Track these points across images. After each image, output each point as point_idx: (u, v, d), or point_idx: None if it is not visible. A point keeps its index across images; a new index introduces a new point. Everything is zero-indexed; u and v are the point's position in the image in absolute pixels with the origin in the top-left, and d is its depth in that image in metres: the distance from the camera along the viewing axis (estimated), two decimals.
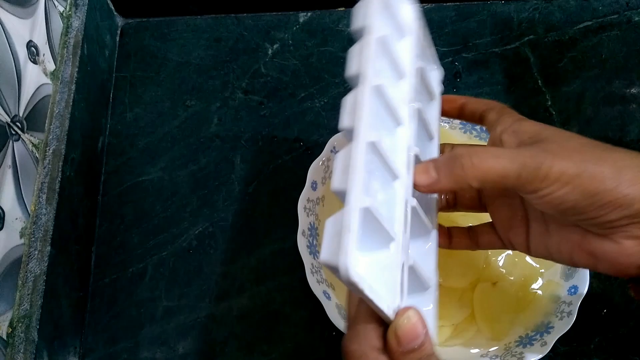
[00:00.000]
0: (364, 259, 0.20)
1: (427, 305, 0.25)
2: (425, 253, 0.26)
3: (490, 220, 0.28)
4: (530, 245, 0.26)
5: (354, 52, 0.24)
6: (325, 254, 0.19)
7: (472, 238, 0.29)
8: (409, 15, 0.28)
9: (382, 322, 0.21)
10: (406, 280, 0.22)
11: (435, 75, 0.31)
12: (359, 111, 0.21)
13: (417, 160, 0.25)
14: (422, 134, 0.28)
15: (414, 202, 0.24)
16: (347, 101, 0.23)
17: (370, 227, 0.20)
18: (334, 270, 0.19)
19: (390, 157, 0.22)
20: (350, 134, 0.21)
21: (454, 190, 0.27)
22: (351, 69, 0.24)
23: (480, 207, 0.29)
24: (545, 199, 0.22)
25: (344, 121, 0.22)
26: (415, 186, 0.24)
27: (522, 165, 0.22)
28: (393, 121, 0.24)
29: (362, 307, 0.22)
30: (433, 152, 0.29)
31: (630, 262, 0.22)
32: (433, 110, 0.29)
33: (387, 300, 0.20)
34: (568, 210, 0.22)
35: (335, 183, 0.20)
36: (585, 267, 0.25)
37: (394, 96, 0.24)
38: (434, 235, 0.27)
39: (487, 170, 0.22)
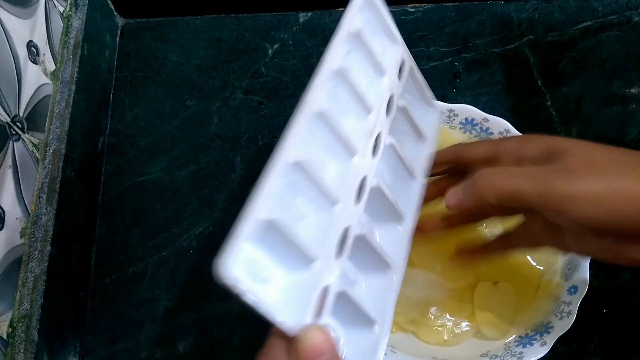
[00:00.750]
0: (266, 269, 0.20)
1: (367, 335, 0.24)
2: (384, 289, 0.26)
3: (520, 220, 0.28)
4: (568, 248, 0.26)
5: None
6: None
7: (505, 241, 0.29)
8: (394, 56, 0.28)
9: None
10: (330, 303, 0.22)
11: (429, 117, 0.30)
12: (288, 131, 0.22)
13: (379, 192, 0.25)
14: (399, 171, 0.28)
15: (361, 230, 0.24)
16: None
17: (277, 241, 0.21)
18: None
19: (330, 181, 0.23)
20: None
21: (478, 207, 0.26)
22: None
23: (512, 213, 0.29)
24: (571, 217, 0.22)
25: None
26: (447, 207, 0.26)
27: (543, 186, 0.22)
28: (344, 150, 0.24)
29: None
30: (412, 191, 0.28)
31: None
32: (419, 150, 0.29)
33: (288, 315, 0.20)
34: (596, 229, 0.22)
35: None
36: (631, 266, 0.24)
37: (347, 125, 0.24)
38: (398, 265, 0.26)
39: (501, 189, 0.23)
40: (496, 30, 0.47)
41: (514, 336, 0.34)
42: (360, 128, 0.25)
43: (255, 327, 0.39)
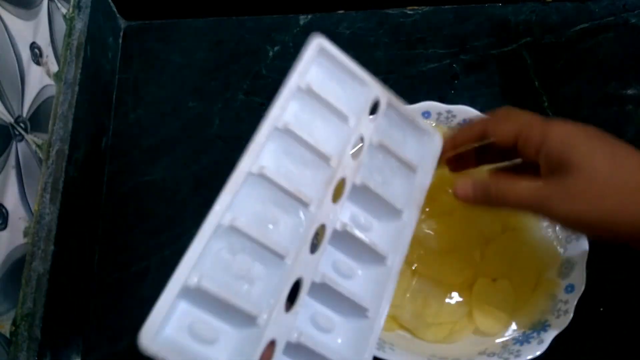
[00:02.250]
0: (211, 330, 0.21)
1: None
2: (358, 335, 0.25)
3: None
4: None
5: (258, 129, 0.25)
6: None
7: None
8: (362, 97, 0.28)
9: None
10: (278, 355, 0.22)
11: (425, 146, 0.30)
12: (220, 195, 0.22)
13: (348, 235, 0.25)
14: (380, 209, 0.27)
15: (320, 279, 0.24)
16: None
17: (214, 303, 0.21)
18: None
19: (277, 236, 0.23)
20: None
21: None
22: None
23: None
24: (568, 228, 0.25)
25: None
26: (455, 196, 0.28)
27: (540, 203, 0.25)
28: (296, 202, 0.24)
29: None
30: (399, 227, 0.27)
31: None
32: (409, 183, 0.29)
33: None
34: (592, 236, 0.25)
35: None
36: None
37: (300, 178, 0.25)
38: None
39: (506, 199, 0.26)
40: (494, 33, 0.48)
41: (512, 334, 0.34)
42: (317, 177, 0.25)
43: None
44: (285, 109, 0.25)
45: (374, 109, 0.28)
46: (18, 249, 0.35)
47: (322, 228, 0.25)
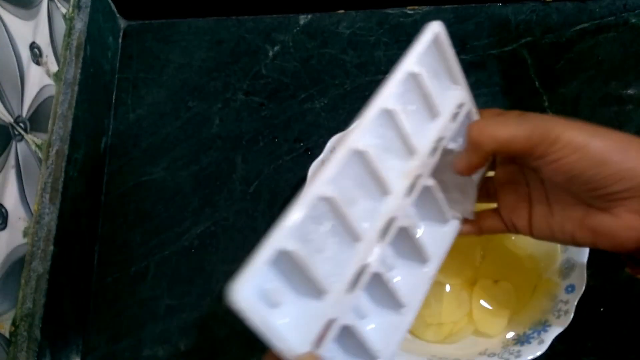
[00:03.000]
0: (278, 294, 0.21)
1: None
2: (393, 327, 0.25)
3: (495, 207, 0.29)
4: (533, 227, 0.27)
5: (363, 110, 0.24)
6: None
7: (475, 223, 0.30)
8: (452, 99, 0.27)
9: None
10: (332, 335, 0.22)
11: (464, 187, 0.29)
12: (326, 166, 0.22)
13: (407, 234, 0.25)
14: (434, 214, 0.28)
15: (379, 269, 0.24)
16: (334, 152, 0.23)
17: (292, 269, 0.21)
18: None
19: (356, 218, 0.23)
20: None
21: (483, 162, 0.27)
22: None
23: (489, 197, 0.30)
24: (554, 164, 0.23)
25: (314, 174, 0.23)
26: (460, 173, 0.26)
27: (532, 128, 0.23)
28: (378, 189, 0.25)
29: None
30: (444, 234, 0.28)
31: (628, 236, 0.23)
32: (455, 198, 0.29)
33: (289, 342, 0.20)
34: (574, 179, 0.23)
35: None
36: (586, 245, 0.25)
37: (387, 165, 0.24)
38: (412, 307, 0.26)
39: (495, 133, 0.24)
40: (494, 32, 0.48)
41: (512, 334, 0.34)
42: (399, 168, 0.25)
43: None
44: (393, 95, 0.24)
45: None
46: (18, 249, 0.35)
47: (392, 221, 0.25)
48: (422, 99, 0.26)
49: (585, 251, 0.34)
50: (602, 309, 0.38)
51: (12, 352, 0.33)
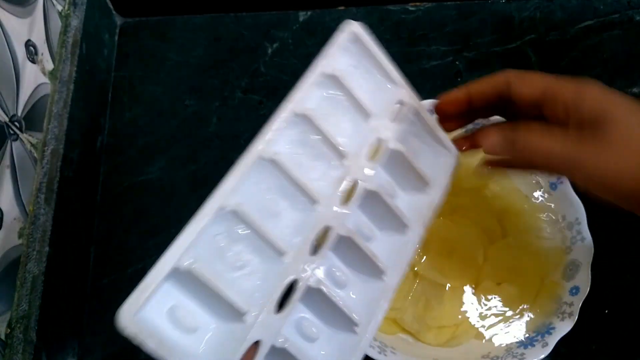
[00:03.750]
0: (193, 319, 0.20)
1: None
2: (342, 349, 0.23)
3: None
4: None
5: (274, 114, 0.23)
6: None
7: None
8: (389, 97, 0.26)
9: None
10: (260, 358, 0.21)
11: (441, 161, 0.28)
12: (227, 176, 0.21)
13: (350, 242, 0.24)
14: (387, 221, 0.26)
15: (315, 283, 0.22)
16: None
17: (203, 291, 0.20)
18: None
19: (279, 231, 0.22)
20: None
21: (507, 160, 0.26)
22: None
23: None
24: (598, 191, 0.23)
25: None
26: (482, 148, 0.25)
27: (572, 158, 0.23)
28: (304, 198, 0.23)
29: None
30: (402, 243, 0.26)
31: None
32: (419, 198, 0.27)
33: None
34: (622, 200, 0.23)
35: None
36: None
37: (311, 172, 0.23)
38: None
39: (535, 152, 0.24)
40: (497, 29, 0.47)
41: (516, 337, 0.34)
42: (329, 175, 0.24)
43: None
44: (307, 94, 0.23)
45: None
46: (13, 250, 0.34)
47: (326, 230, 0.23)
48: (346, 99, 0.25)
49: (590, 253, 0.34)
50: (606, 311, 0.38)
51: (7, 355, 0.33)
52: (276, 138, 0.22)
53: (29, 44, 0.37)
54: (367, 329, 0.23)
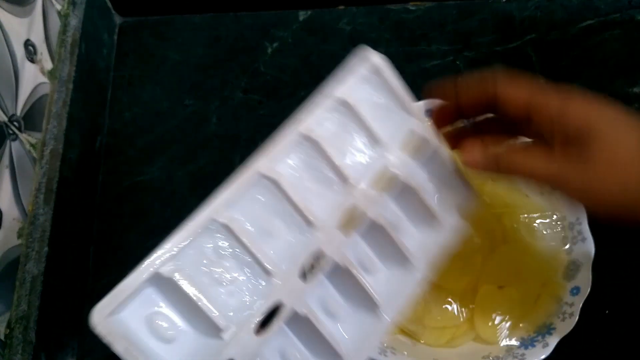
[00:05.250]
0: (171, 328, 0.20)
1: None
2: None
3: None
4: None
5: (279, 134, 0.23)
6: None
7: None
8: (402, 129, 0.25)
9: None
10: None
11: (456, 201, 0.27)
12: (223, 189, 0.21)
13: (346, 273, 0.23)
14: (391, 256, 0.25)
15: (301, 309, 0.22)
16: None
17: (182, 303, 0.20)
18: None
19: (272, 251, 0.21)
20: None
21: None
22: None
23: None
24: (584, 205, 0.24)
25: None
26: (463, 162, 0.25)
27: (556, 175, 0.23)
28: (301, 220, 0.22)
29: None
30: (404, 282, 0.25)
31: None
32: (428, 237, 0.26)
33: None
34: (608, 214, 0.23)
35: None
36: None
37: (308, 195, 0.22)
38: None
39: (518, 171, 0.24)
40: (498, 29, 0.47)
41: (516, 338, 0.34)
42: (332, 200, 0.23)
43: None
44: (316, 117, 0.23)
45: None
46: (12, 251, 0.34)
47: (321, 256, 0.23)
48: (356, 124, 0.24)
49: (591, 253, 0.34)
50: (607, 312, 0.38)
51: (7, 355, 0.33)
52: (279, 157, 0.22)
53: (28, 44, 0.37)
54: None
